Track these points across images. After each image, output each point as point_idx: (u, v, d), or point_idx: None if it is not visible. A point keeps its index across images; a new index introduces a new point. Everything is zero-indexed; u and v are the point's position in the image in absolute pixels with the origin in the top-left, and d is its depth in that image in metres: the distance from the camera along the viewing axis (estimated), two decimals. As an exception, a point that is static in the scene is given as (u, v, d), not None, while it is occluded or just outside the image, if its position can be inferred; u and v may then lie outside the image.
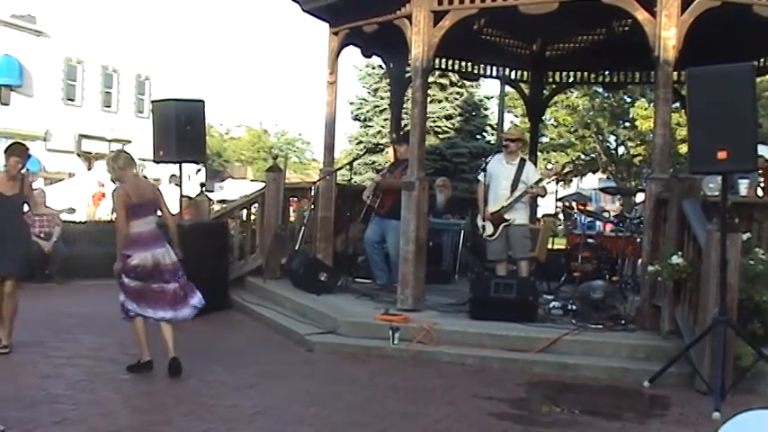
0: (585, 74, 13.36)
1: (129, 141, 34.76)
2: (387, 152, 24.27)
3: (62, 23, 32.53)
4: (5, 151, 7.37)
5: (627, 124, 30.40)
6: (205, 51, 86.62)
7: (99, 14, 32.89)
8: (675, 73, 8.35)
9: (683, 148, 20.66)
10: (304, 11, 9.97)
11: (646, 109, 26.51)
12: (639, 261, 8.52)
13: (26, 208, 7.55)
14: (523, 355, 7.09)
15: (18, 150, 7.38)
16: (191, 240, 9.27)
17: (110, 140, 31.89)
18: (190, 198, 11.03)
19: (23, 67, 31.02)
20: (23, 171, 7.38)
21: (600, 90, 26.79)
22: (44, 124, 31.91)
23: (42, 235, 12.17)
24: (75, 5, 31.80)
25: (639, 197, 11.30)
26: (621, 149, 31.98)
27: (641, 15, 7.60)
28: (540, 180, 8.93)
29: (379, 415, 5.56)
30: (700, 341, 6.14)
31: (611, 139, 32.06)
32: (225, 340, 8.22)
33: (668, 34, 7.44)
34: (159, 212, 6.71)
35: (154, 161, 10.16)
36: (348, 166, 10.98)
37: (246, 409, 5.41)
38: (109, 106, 36.34)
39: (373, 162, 27.82)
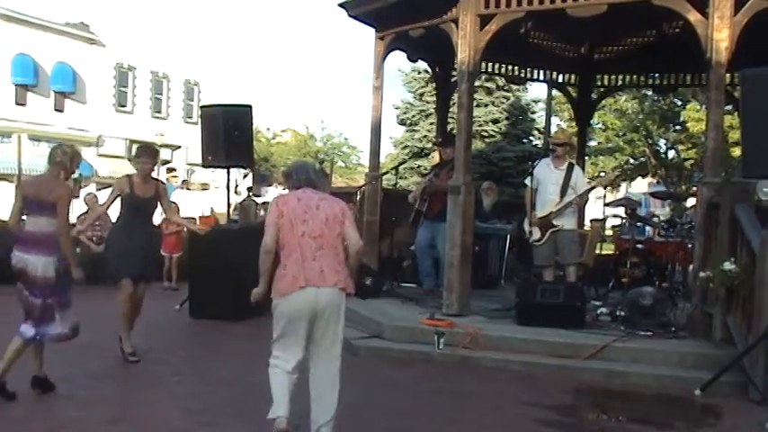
0: (635, 77, 13.17)
1: (179, 147, 35.27)
2: (432, 156, 24.27)
3: (114, 31, 33.12)
4: (136, 153, 7.34)
5: (678, 127, 29.96)
6: (253, 56, 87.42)
7: (149, 21, 33.39)
8: (728, 75, 8.18)
9: (736, 152, 20.30)
10: (350, 16, 10.00)
11: (698, 111, 26.09)
12: (690, 267, 8.37)
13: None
14: (570, 362, 7.01)
15: (149, 151, 7.36)
16: (238, 244, 9.40)
17: (159, 146, 32.36)
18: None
19: (77, 74, 31.65)
20: (155, 174, 7.36)
21: (650, 93, 26.41)
22: (96, 130, 32.50)
23: (95, 239, 12.38)
24: (126, 13, 32.32)
25: (690, 202, 11.11)
26: (672, 153, 31.52)
27: (693, 16, 7.47)
28: (591, 189, 8.82)
29: (424, 420, 5.54)
30: (753, 349, 6.01)
31: (662, 142, 31.61)
32: (270, 343, 8.25)
33: (721, 36, 7.29)
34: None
35: (203, 166, 10.29)
36: (394, 171, 11.00)
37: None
38: (159, 112, 36.88)
39: (419, 166, 27.81)
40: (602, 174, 10.82)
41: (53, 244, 5.65)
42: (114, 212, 7.62)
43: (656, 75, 12.87)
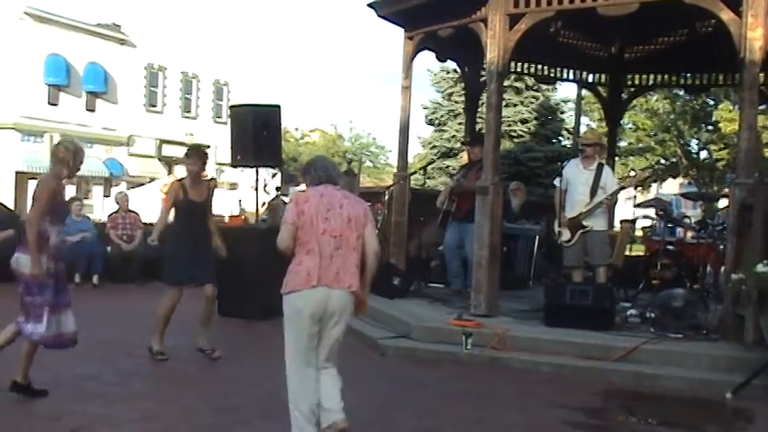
0: (666, 76, 13.05)
1: (208, 146, 35.41)
2: (461, 156, 24.21)
3: (145, 31, 33.42)
4: (185, 154, 7.29)
5: (710, 127, 29.67)
6: (282, 56, 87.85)
7: (180, 22, 33.69)
8: (762, 74, 8.08)
9: (769, 153, 20.05)
10: (379, 16, 10.00)
11: (730, 111, 25.81)
12: (722, 269, 8.27)
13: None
14: (599, 364, 6.95)
15: (197, 152, 7.27)
16: (266, 242, 9.43)
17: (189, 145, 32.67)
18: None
19: (108, 74, 31.97)
20: (207, 175, 7.28)
21: (681, 93, 26.15)
22: (127, 130, 32.82)
23: (125, 237, 12.50)
24: (157, 14, 32.64)
25: (722, 203, 10.97)
26: (704, 153, 31.21)
27: (726, 15, 7.38)
28: (621, 189, 8.75)
29: (452, 420, 5.53)
30: (786, 352, 5.93)
31: (693, 142, 31.32)
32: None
33: (755, 35, 7.20)
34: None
35: (232, 165, 10.36)
36: (422, 171, 10.98)
37: (319, 412, 5.43)
38: (189, 112, 37.16)
39: (447, 166, 27.77)
40: (632, 173, 10.59)
41: (41, 242, 5.41)
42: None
43: (688, 74, 12.75)
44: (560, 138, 30.18)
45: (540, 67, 12.37)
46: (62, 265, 5.69)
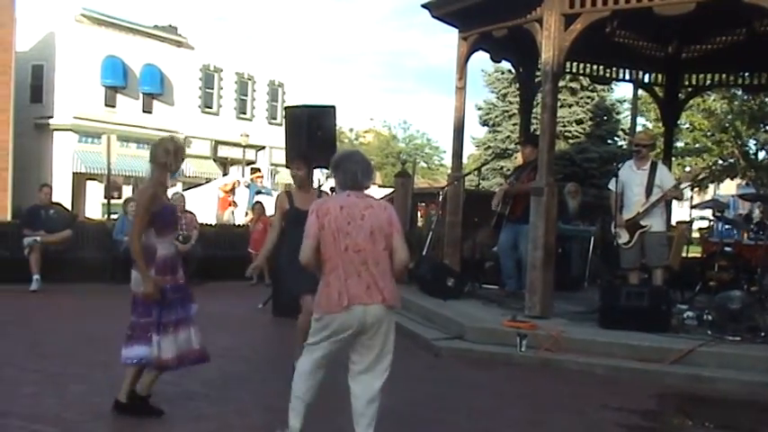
0: (724, 76, 12.85)
1: (263, 147, 35.92)
2: (515, 157, 24.12)
3: (201, 33, 33.96)
4: (288, 162, 6.96)
5: (768, 127, 29.09)
6: (336, 57, 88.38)
7: (235, 24, 34.22)
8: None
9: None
10: (434, 17, 10.03)
11: (790, 112, 25.27)
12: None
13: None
14: (655, 366, 6.89)
15: (301, 157, 7.01)
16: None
17: (244, 146, 33.10)
18: None
19: (164, 75, 32.54)
20: (316, 182, 6.93)
21: (739, 92, 25.67)
22: (183, 131, 33.36)
23: (180, 238, 12.71)
24: (213, 15, 33.21)
25: (782, 204, 10.76)
26: (762, 154, 30.62)
27: (786, 14, 7.26)
28: (679, 183, 8.66)
29: (506, 422, 5.54)
30: None
31: (751, 143, 30.72)
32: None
33: (815, 34, 7.07)
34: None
35: (286, 166, 10.47)
36: (476, 172, 10.97)
37: (374, 411, 5.49)
38: (244, 113, 37.60)
39: (501, 167, 27.70)
40: (687, 169, 10.38)
41: (147, 257, 5.09)
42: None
43: (746, 74, 12.54)
44: (616, 138, 29.89)
45: (595, 67, 12.28)
46: (178, 278, 5.31)
